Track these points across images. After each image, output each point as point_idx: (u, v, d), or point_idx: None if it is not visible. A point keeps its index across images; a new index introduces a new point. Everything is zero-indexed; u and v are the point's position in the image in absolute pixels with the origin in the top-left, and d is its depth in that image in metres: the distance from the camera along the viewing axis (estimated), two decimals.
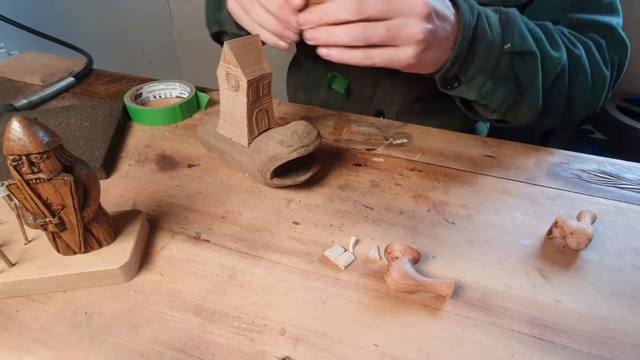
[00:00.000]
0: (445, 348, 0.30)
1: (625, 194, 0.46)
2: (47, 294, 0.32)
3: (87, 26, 1.35)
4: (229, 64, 0.40)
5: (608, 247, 0.39)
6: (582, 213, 0.40)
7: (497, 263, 0.37)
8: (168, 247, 0.37)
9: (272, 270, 0.35)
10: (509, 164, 0.50)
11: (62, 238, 0.31)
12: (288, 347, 0.29)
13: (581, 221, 0.39)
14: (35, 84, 0.64)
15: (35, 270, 0.31)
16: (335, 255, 0.36)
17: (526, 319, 0.32)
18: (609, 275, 0.36)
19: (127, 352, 0.28)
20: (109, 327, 0.30)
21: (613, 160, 0.52)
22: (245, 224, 0.40)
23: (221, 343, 0.29)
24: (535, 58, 0.44)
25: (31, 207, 0.29)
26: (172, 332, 0.30)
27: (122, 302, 0.32)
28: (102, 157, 0.45)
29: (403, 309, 0.32)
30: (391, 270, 0.32)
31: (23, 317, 0.30)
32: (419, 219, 0.41)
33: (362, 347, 0.29)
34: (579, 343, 0.31)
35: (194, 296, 0.32)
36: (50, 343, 0.29)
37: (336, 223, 0.40)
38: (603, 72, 0.49)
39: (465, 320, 0.32)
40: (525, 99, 0.46)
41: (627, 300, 0.34)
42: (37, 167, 0.27)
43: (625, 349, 0.30)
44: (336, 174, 0.47)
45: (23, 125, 0.26)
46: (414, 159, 0.50)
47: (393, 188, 0.45)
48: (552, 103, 0.48)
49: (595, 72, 0.49)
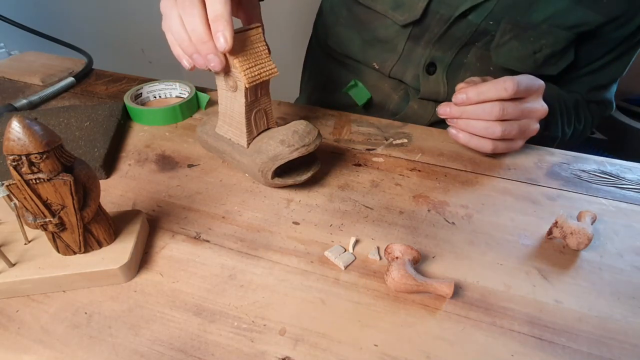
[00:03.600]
0: (445, 348, 0.30)
1: (625, 194, 0.46)
2: (47, 294, 0.32)
3: (87, 26, 1.35)
4: (232, 61, 0.38)
5: (608, 247, 0.39)
6: (582, 213, 0.40)
7: (497, 263, 0.37)
8: (168, 247, 0.37)
9: (272, 271, 0.35)
10: (509, 164, 0.50)
11: (62, 238, 0.31)
12: (288, 347, 0.29)
13: (581, 221, 0.39)
14: (35, 84, 0.64)
15: (35, 271, 0.31)
16: (335, 256, 0.36)
17: (526, 319, 0.32)
18: (609, 275, 0.36)
19: (127, 352, 0.28)
20: (109, 327, 0.30)
21: (613, 160, 0.52)
22: (245, 224, 0.40)
23: (221, 343, 0.29)
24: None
25: (31, 207, 0.29)
26: (172, 332, 0.30)
27: (122, 302, 0.32)
28: (102, 157, 0.45)
29: (403, 309, 0.32)
30: (391, 271, 0.32)
31: (23, 317, 0.30)
32: (419, 219, 0.41)
33: (362, 347, 0.29)
34: (579, 343, 0.31)
35: (194, 296, 0.32)
36: (50, 343, 0.29)
37: (336, 223, 0.40)
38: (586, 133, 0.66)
39: (465, 320, 0.32)
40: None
41: (627, 300, 0.34)
42: (37, 167, 0.27)
43: (625, 349, 0.30)
44: (336, 174, 0.47)
45: (23, 125, 0.26)
46: (414, 159, 0.50)
47: (393, 188, 0.45)
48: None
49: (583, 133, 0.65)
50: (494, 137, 0.44)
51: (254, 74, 0.39)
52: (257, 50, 0.39)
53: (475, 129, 0.45)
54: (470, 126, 0.45)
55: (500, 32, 0.53)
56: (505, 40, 0.53)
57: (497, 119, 0.43)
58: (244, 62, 0.38)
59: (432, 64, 0.59)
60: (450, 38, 0.56)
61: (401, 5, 0.56)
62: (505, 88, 0.41)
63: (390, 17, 0.57)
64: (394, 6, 0.56)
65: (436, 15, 0.55)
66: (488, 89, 0.42)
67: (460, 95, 0.43)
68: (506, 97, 0.42)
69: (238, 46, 0.37)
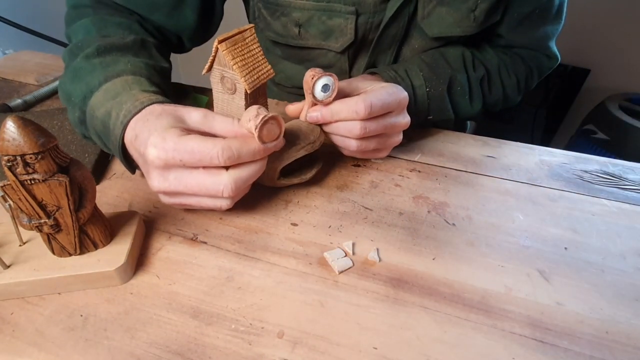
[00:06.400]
0: (445, 351, 0.29)
1: (627, 195, 0.46)
2: (42, 296, 0.32)
3: None
4: (224, 67, 0.38)
5: (610, 249, 0.39)
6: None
7: (497, 265, 0.36)
8: (165, 249, 0.36)
9: (270, 272, 0.35)
10: (509, 164, 0.50)
11: (57, 239, 0.31)
12: (286, 350, 0.29)
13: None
14: (30, 83, 0.64)
15: (30, 272, 0.31)
16: (333, 258, 0.36)
17: (527, 322, 0.32)
18: (611, 277, 0.36)
19: (123, 355, 0.28)
20: (105, 330, 0.30)
21: (615, 161, 0.52)
22: (243, 225, 0.39)
23: (218, 346, 0.29)
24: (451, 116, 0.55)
25: (26, 208, 0.29)
26: (168, 334, 0.29)
27: (118, 304, 0.31)
28: (92, 163, 0.44)
29: (403, 312, 0.32)
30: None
31: (18, 320, 0.30)
32: (419, 220, 0.41)
33: (361, 350, 0.29)
34: (580, 346, 0.30)
35: (190, 298, 0.32)
36: (46, 346, 0.28)
37: (335, 224, 0.40)
38: (514, 100, 0.63)
39: (465, 322, 0.31)
40: None
41: (629, 302, 0.34)
42: (32, 167, 0.27)
43: (628, 352, 0.30)
44: (335, 175, 0.47)
45: (18, 126, 0.26)
46: (413, 160, 0.50)
47: (392, 189, 0.45)
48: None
49: (506, 100, 0.61)
50: (351, 149, 0.43)
51: (254, 78, 0.39)
52: (254, 52, 0.39)
53: (334, 139, 0.43)
54: (331, 135, 0.43)
55: (422, 2, 0.51)
56: (430, 9, 0.51)
57: (357, 137, 0.42)
58: (243, 68, 0.38)
59: (373, 66, 0.59)
60: (387, 38, 0.55)
61: (331, 34, 0.55)
62: (357, 111, 0.39)
63: (326, 48, 0.57)
64: (324, 37, 0.55)
65: (367, 25, 0.54)
66: (341, 109, 0.40)
67: (314, 113, 0.41)
68: (358, 119, 0.40)
69: (236, 50, 0.37)
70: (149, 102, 0.36)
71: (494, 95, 0.58)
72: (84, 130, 0.42)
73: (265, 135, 0.33)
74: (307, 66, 0.62)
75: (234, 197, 0.35)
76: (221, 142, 0.32)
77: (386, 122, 0.42)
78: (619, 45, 1.39)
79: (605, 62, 1.44)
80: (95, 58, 0.42)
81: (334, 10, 0.53)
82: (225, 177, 0.33)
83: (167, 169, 0.33)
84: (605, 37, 1.40)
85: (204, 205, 0.35)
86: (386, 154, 0.47)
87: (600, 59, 1.44)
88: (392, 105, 0.41)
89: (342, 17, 0.53)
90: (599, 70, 1.46)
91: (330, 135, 0.43)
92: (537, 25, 0.56)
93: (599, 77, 1.47)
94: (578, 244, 0.39)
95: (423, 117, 0.52)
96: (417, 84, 0.50)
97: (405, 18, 0.53)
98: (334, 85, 0.39)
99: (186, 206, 0.36)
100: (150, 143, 0.32)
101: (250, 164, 0.34)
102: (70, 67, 0.42)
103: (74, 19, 0.48)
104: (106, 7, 0.50)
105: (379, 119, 0.42)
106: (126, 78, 0.39)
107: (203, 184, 0.33)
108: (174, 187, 0.33)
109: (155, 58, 0.46)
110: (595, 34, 1.41)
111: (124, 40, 0.44)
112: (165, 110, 0.35)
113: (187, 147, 0.32)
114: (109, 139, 0.37)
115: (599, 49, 1.43)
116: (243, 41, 0.38)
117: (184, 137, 0.32)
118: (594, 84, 1.49)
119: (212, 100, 0.60)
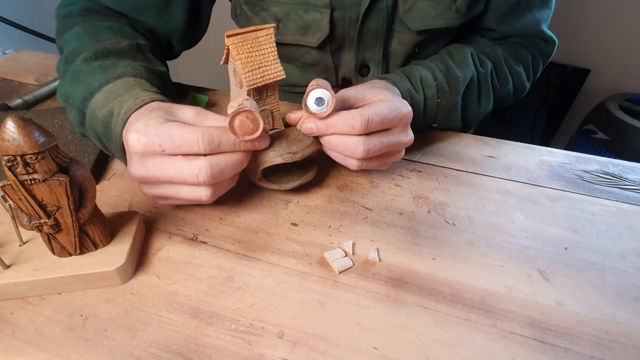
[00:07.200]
0: (445, 351, 0.29)
1: (628, 195, 0.46)
2: (42, 296, 0.32)
3: None
4: (235, 61, 0.38)
5: (610, 249, 0.39)
6: None
7: (497, 265, 0.36)
8: (165, 249, 0.36)
9: (270, 272, 0.35)
10: (509, 164, 0.50)
11: (57, 239, 0.31)
12: (286, 350, 0.29)
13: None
14: (30, 83, 0.64)
15: (30, 272, 0.31)
16: (333, 258, 0.36)
17: (527, 322, 0.32)
18: (612, 277, 0.36)
19: (123, 355, 0.28)
20: (105, 330, 0.30)
21: (615, 161, 0.51)
22: (243, 225, 0.39)
23: (218, 346, 0.29)
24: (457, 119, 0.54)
25: (26, 208, 0.29)
26: (168, 335, 0.29)
27: (118, 304, 0.31)
28: (91, 164, 0.44)
29: (403, 312, 0.32)
30: None
31: (18, 320, 0.30)
32: (419, 220, 0.41)
33: (361, 350, 0.29)
34: (581, 346, 0.30)
35: (190, 298, 0.32)
36: (45, 346, 0.28)
37: (335, 224, 0.40)
38: (525, 87, 0.61)
39: (465, 322, 0.31)
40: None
41: (629, 302, 0.34)
42: (32, 167, 0.27)
43: (628, 352, 0.30)
44: (335, 175, 0.47)
45: (18, 125, 0.26)
46: (413, 160, 0.50)
47: (392, 189, 0.45)
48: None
49: (517, 90, 0.60)
50: (350, 168, 0.41)
51: (256, 77, 0.38)
52: (265, 52, 0.39)
53: (333, 155, 0.42)
54: (328, 150, 0.42)
55: None
56: (411, 3, 0.52)
57: (358, 158, 0.40)
58: (246, 65, 0.38)
59: (364, 66, 0.59)
60: (369, 33, 0.55)
61: (308, 29, 0.55)
62: (353, 126, 0.37)
63: (304, 44, 0.57)
64: (302, 32, 0.56)
65: (344, 20, 0.54)
66: (336, 122, 0.39)
67: (308, 124, 0.40)
68: (354, 134, 0.38)
69: (245, 47, 0.37)
70: (150, 99, 0.37)
71: (503, 88, 0.57)
72: (83, 130, 0.42)
73: (238, 127, 0.33)
74: (296, 65, 0.63)
75: (212, 187, 0.35)
76: (202, 129, 0.32)
77: (388, 140, 0.40)
78: (619, 45, 1.39)
79: (605, 62, 1.44)
80: (94, 61, 0.42)
81: (310, 4, 0.53)
82: (201, 161, 0.33)
83: (146, 155, 0.33)
84: (605, 37, 1.40)
85: (183, 196, 0.35)
86: (385, 168, 0.45)
87: (600, 59, 1.44)
88: (393, 121, 0.39)
89: (318, 11, 0.53)
90: (599, 70, 1.46)
91: (328, 150, 0.42)
92: (525, 14, 0.56)
93: (599, 77, 1.47)
94: (578, 244, 0.39)
95: (428, 124, 0.52)
96: (430, 95, 0.49)
97: (384, 12, 0.53)
98: (331, 100, 0.37)
99: (166, 198, 0.36)
100: (133, 129, 0.33)
101: (230, 154, 0.34)
102: (68, 70, 0.43)
103: (64, 29, 0.49)
104: (96, 13, 0.50)
105: (382, 137, 0.40)
106: (127, 80, 0.40)
107: (180, 170, 0.33)
108: (152, 173, 0.33)
109: (152, 62, 0.47)
110: (595, 34, 1.41)
111: (120, 44, 0.44)
112: (160, 106, 0.36)
113: (167, 132, 0.32)
114: (110, 137, 0.37)
115: (599, 49, 1.43)
116: (255, 39, 0.38)
117: (166, 123, 0.33)
118: (594, 84, 1.49)
119: (212, 100, 0.60)
